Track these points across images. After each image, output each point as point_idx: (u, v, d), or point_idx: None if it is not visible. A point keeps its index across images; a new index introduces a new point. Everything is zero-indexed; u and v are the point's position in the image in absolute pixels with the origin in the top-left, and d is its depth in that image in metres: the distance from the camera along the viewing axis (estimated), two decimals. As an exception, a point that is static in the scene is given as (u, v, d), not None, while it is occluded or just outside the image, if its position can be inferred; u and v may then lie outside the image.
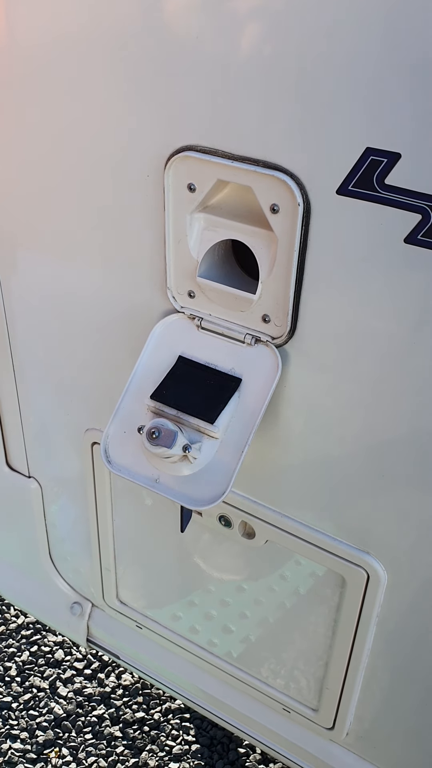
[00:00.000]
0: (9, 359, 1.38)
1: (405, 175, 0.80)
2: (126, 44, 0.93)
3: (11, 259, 1.25)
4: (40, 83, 1.03)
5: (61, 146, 1.07)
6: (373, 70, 0.77)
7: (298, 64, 0.81)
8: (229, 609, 1.39)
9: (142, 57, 0.92)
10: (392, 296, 0.89)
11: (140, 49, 0.92)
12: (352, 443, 1.04)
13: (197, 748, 2.17)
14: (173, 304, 1.07)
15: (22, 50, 1.02)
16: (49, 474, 1.51)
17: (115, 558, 1.49)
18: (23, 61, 1.03)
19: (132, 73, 0.94)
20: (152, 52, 0.91)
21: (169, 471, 1.05)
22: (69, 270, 1.19)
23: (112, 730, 2.22)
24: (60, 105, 1.03)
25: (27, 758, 2.15)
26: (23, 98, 1.06)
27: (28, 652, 2.41)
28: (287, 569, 1.25)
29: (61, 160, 1.08)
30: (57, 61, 1.00)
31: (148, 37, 0.91)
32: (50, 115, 1.05)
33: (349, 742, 1.37)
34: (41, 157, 1.10)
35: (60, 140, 1.06)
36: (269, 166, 0.88)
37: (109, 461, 1.09)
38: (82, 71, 0.98)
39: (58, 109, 1.04)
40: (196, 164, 0.93)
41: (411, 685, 1.22)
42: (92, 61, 0.97)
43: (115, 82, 0.97)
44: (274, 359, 1.01)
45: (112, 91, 0.97)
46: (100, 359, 1.25)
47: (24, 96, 1.06)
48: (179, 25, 0.88)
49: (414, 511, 1.03)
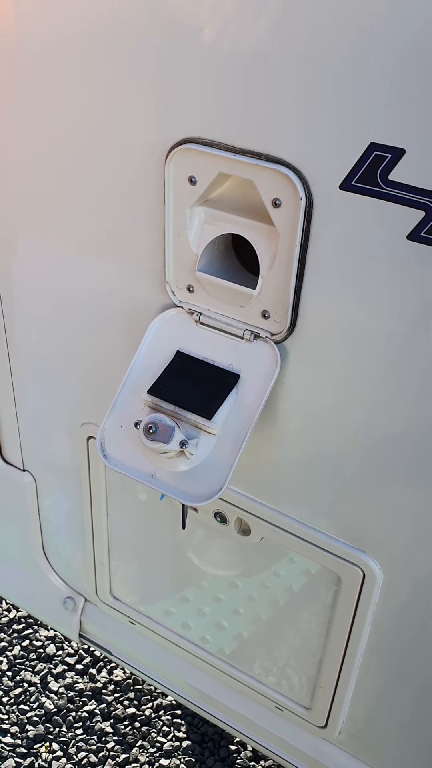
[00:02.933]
0: (5, 352, 1.37)
1: (409, 171, 0.79)
2: (128, 35, 0.92)
3: (9, 252, 1.24)
4: (39, 74, 1.02)
5: (60, 137, 1.05)
6: (378, 65, 0.76)
7: (302, 58, 0.81)
8: (223, 605, 1.38)
9: (144, 48, 0.91)
10: (394, 293, 0.88)
11: (142, 40, 0.91)
12: (349, 441, 1.03)
13: (188, 744, 2.17)
14: (172, 298, 1.06)
15: (22, 41, 1.01)
16: (44, 467, 1.50)
17: (108, 553, 1.48)
18: (23, 52, 1.02)
19: (133, 64, 0.93)
20: (154, 43, 0.90)
21: (165, 467, 1.04)
22: (67, 262, 1.18)
23: (103, 726, 2.21)
24: (59, 96, 1.02)
25: (17, 752, 2.14)
26: (22, 90, 1.05)
27: (20, 647, 2.40)
28: (281, 567, 1.24)
29: (60, 151, 1.07)
30: (56, 52, 0.99)
31: (150, 29, 0.90)
32: (49, 107, 1.04)
33: (342, 741, 1.37)
34: (40, 148, 1.08)
35: (59, 131, 1.05)
36: (271, 160, 0.87)
37: (106, 456, 1.08)
38: (82, 62, 0.97)
39: (57, 100, 1.03)
40: (197, 157, 0.92)
41: (404, 684, 1.22)
42: (93, 51, 0.96)
43: (116, 73, 0.96)
44: (273, 356, 1.00)
45: (113, 81, 0.96)
46: (97, 353, 1.24)
47: (22, 87, 1.05)
48: (182, 17, 0.87)
49: (411, 509, 1.03)
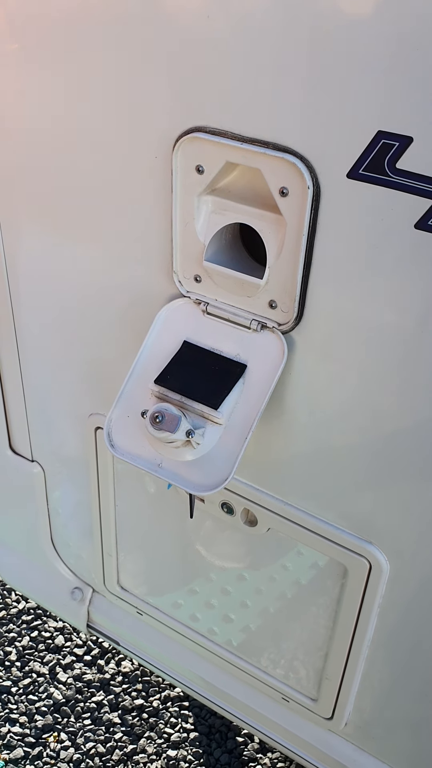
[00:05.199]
0: (14, 343, 1.37)
1: (417, 160, 0.79)
2: (135, 23, 0.92)
3: (16, 243, 1.24)
4: (48, 60, 1.02)
5: (68, 126, 1.06)
6: (385, 52, 0.76)
7: (310, 45, 0.80)
8: (231, 598, 1.38)
9: (151, 36, 0.91)
10: (402, 283, 0.88)
11: (150, 28, 0.91)
12: (357, 433, 1.03)
13: (195, 736, 2.17)
14: (179, 288, 1.06)
15: (29, 23, 1.01)
16: (53, 458, 1.51)
17: (116, 543, 1.49)
18: (29, 36, 1.02)
19: (141, 52, 0.93)
20: (162, 31, 0.90)
21: (172, 456, 1.04)
22: (75, 253, 1.18)
23: (110, 717, 2.22)
24: (67, 84, 1.02)
25: (26, 742, 2.16)
26: (29, 76, 1.05)
27: (29, 638, 2.42)
28: (289, 559, 1.24)
29: (68, 139, 1.07)
30: (64, 38, 0.99)
31: (157, 16, 0.89)
32: (57, 94, 1.04)
33: (348, 733, 1.37)
34: (48, 136, 1.09)
35: (67, 120, 1.05)
36: (279, 149, 0.87)
37: (112, 445, 1.08)
38: (90, 50, 0.97)
39: (66, 88, 1.03)
40: (205, 146, 0.92)
41: (411, 676, 1.22)
42: (100, 39, 0.96)
43: (124, 62, 0.95)
44: (280, 346, 1.00)
45: (121, 70, 0.96)
46: (105, 344, 1.24)
47: (30, 74, 1.05)
48: (189, 4, 0.86)
49: (418, 501, 1.03)
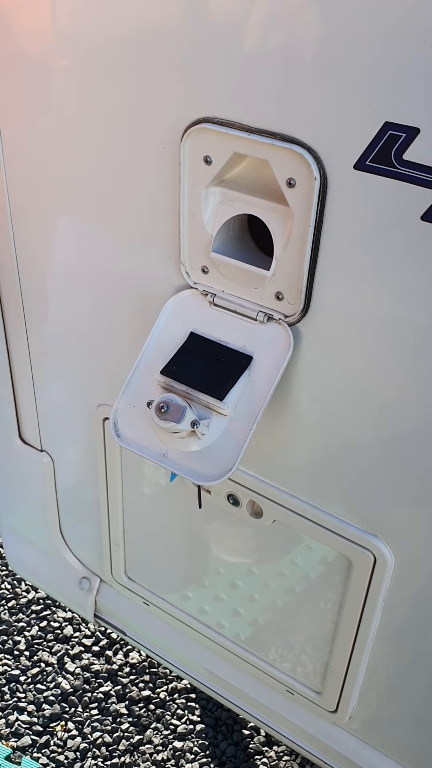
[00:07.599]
0: (24, 333, 1.38)
1: (424, 151, 0.78)
2: (145, 15, 0.92)
3: (26, 234, 1.25)
4: (56, 54, 1.02)
5: (77, 117, 1.06)
6: (393, 43, 0.76)
7: (317, 36, 0.80)
8: (239, 592, 1.39)
9: (160, 27, 0.91)
10: (409, 275, 0.87)
11: (159, 19, 0.91)
12: (362, 426, 1.02)
13: (202, 728, 2.18)
14: (186, 279, 1.06)
15: (41, 24, 1.01)
16: (61, 448, 1.51)
17: (124, 533, 1.50)
18: (40, 36, 1.02)
19: (150, 44, 0.93)
20: (171, 22, 0.90)
21: (177, 446, 1.04)
22: (82, 243, 1.18)
23: (117, 707, 2.23)
24: (76, 76, 1.02)
25: (33, 730, 2.18)
26: (37, 71, 1.05)
27: (38, 627, 2.44)
28: (296, 553, 1.24)
29: (77, 130, 1.07)
30: (73, 32, 0.99)
31: (167, 8, 0.89)
32: (66, 86, 1.04)
33: (353, 726, 1.37)
34: (57, 126, 1.09)
35: (76, 111, 1.05)
36: (286, 140, 0.87)
37: (118, 435, 1.09)
38: (100, 42, 0.97)
39: (74, 80, 1.03)
40: (212, 136, 0.92)
41: (415, 670, 1.22)
42: (109, 32, 0.96)
43: (133, 53, 0.96)
44: (286, 338, 1.00)
45: (130, 61, 0.96)
46: (112, 334, 1.24)
47: (38, 68, 1.05)
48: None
49: (423, 495, 1.02)
